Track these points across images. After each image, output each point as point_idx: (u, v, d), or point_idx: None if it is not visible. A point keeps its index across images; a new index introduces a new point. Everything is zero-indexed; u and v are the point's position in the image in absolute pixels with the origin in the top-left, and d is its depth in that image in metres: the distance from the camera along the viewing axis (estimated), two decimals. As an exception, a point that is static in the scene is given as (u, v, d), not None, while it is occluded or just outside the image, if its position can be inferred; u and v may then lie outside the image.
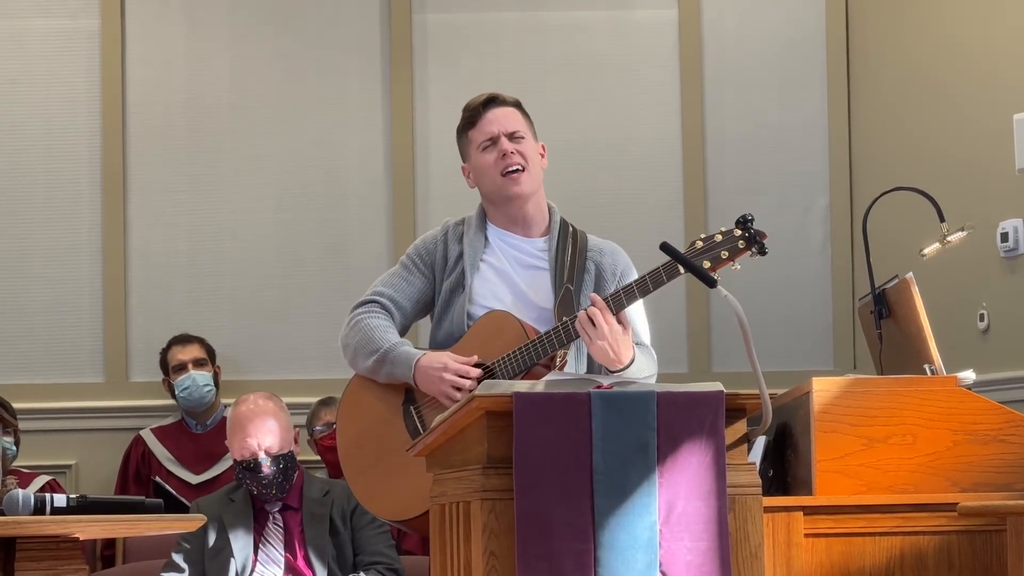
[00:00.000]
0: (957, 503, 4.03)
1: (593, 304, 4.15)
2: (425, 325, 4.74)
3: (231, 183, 6.85)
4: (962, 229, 5.06)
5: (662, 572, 3.37)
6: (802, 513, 4.10)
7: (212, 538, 5.47)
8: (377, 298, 4.50)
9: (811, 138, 6.92)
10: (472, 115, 4.46)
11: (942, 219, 4.97)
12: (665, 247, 3.94)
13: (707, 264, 4.06)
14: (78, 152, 6.82)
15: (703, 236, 4.08)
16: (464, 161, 4.50)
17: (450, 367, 4.27)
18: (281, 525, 5.51)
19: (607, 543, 3.34)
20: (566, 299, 4.36)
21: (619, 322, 4.15)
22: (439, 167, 6.83)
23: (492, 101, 4.45)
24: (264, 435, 5.41)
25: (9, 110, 6.82)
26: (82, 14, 6.84)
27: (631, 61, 6.93)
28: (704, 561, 3.39)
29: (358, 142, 6.88)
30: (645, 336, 4.42)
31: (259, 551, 5.47)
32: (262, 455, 5.40)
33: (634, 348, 4.23)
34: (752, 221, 4.10)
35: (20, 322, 6.77)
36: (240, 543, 5.44)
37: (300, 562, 5.47)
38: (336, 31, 6.90)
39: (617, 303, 4.16)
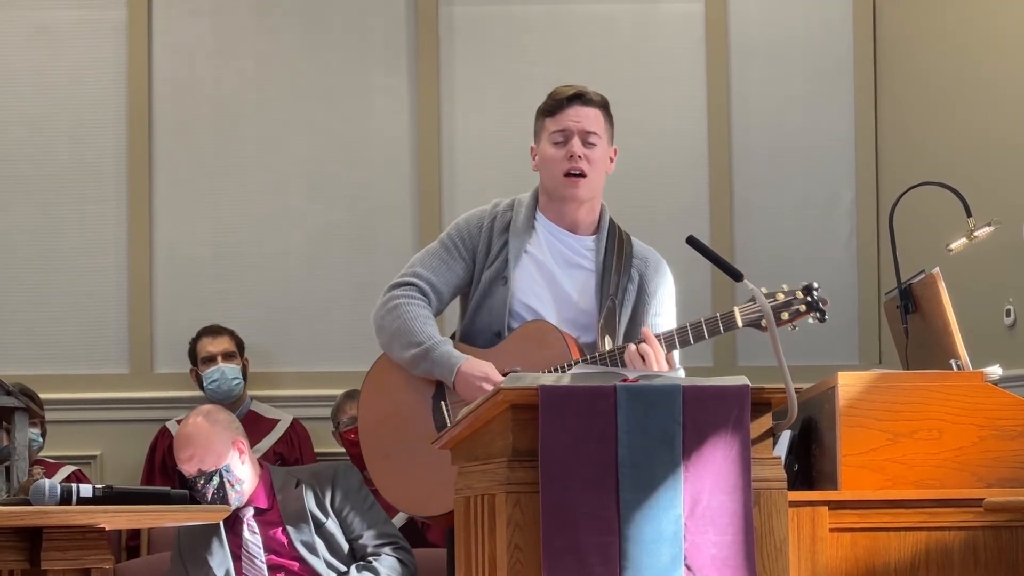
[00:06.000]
0: (983, 498, 4.01)
1: (645, 340, 4.17)
2: (452, 310, 4.73)
3: (257, 174, 6.86)
4: (989, 224, 5.03)
5: (687, 566, 3.36)
6: (827, 508, 4.09)
7: (192, 566, 5.47)
8: (416, 280, 4.45)
9: (837, 132, 6.90)
10: (554, 105, 4.40)
11: (969, 214, 4.95)
12: (691, 240, 3.94)
13: (764, 323, 4.17)
14: (104, 143, 6.83)
15: (765, 292, 4.08)
16: (535, 143, 4.47)
17: (492, 379, 4.24)
18: (257, 531, 5.47)
19: (632, 536, 3.33)
20: (610, 316, 4.34)
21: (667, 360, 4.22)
22: (465, 159, 6.82)
23: (579, 97, 4.39)
24: (193, 459, 5.39)
25: (36, 101, 6.83)
26: (109, 5, 6.85)
27: (657, 54, 6.92)
28: (729, 555, 3.38)
29: (384, 134, 6.88)
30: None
31: (242, 560, 5.43)
32: (196, 475, 5.39)
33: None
34: (817, 290, 4.26)
35: (46, 313, 6.79)
36: (217, 559, 5.42)
37: (286, 560, 5.43)
38: (363, 23, 6.90)
39: (670, 344, 4.22)
